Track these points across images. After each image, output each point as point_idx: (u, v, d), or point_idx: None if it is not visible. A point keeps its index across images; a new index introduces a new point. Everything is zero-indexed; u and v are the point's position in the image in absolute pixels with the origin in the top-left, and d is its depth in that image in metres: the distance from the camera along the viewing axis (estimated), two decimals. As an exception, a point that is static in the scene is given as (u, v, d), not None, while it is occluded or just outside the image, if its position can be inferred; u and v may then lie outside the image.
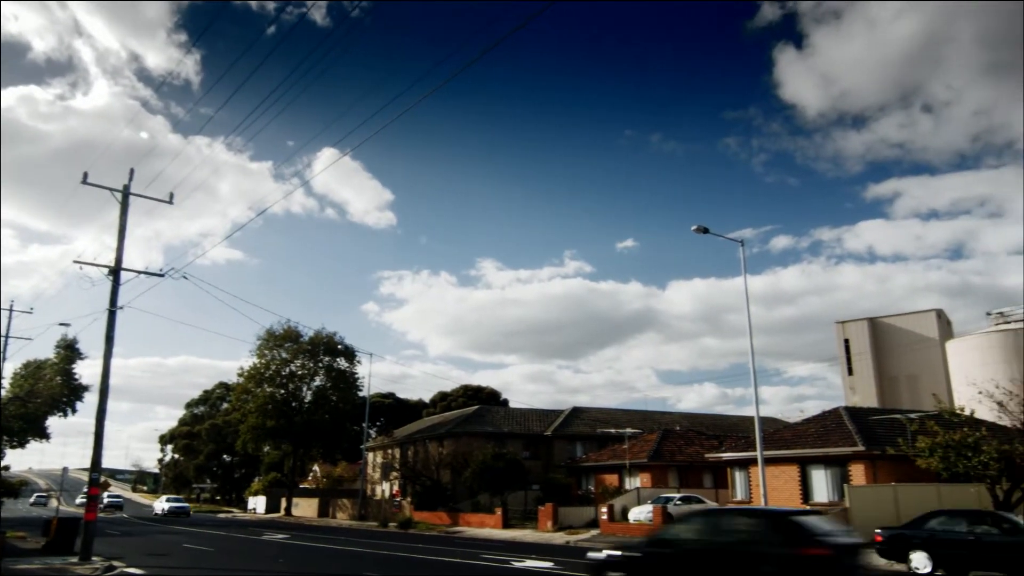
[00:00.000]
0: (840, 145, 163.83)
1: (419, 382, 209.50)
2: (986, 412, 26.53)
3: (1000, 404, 24.47)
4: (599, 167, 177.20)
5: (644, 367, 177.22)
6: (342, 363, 60.23)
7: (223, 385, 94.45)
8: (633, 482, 41.56)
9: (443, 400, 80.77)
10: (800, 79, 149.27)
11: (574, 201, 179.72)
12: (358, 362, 60.68)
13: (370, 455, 65.61)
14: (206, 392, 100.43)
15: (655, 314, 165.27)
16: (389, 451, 62.25)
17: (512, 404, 79.09)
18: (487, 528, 38.85)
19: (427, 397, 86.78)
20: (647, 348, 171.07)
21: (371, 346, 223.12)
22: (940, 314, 57.03)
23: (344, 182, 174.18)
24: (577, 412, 57.95)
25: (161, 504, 60.74)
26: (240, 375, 59.91)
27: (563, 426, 54.60)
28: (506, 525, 38.36)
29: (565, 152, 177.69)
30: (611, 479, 43.51)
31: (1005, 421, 25.00)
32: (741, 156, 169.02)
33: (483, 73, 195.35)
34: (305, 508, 61.26)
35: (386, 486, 59.89)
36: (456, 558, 22.68)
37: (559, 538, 32.25)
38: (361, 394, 60.15)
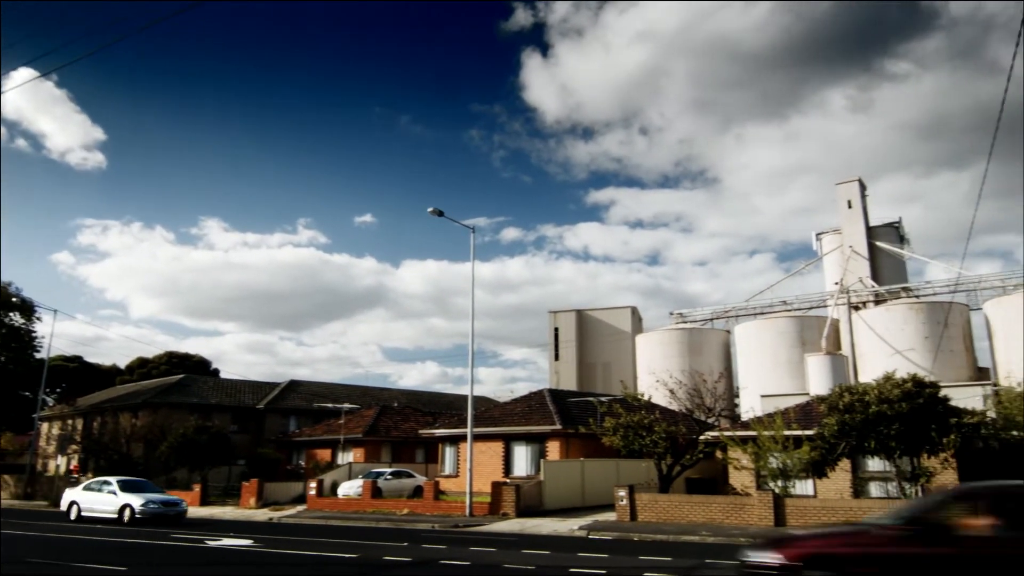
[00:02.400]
0: (570, 152, 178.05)
1: (116, 346, 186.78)
2: (661, 398, 30.56)
3: (671, 392, 28.35)
4: (344, 138, 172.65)
5: (370, 343, 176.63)
6: (16, 319, 51.74)
7: None
8: (347, 457, 41.32)
9: (142, 367, 73.01)
10: (543, 86, 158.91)
11: (314, 169, 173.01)
12: (37, 319, 52.53)
13: (45, 425, 57.42)
14: None
15: (386, 291, 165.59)
16: (70, 421, 54.91)
17: (225, 375, 74.16)
18: (182, 506, 36.10)
19: (124, 363, 78.06)
20: (375, 324, 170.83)
21: (59, 302, 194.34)
22: (634, 311, 64.65)
23: (43, 111, 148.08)
24: (294, 385, 56.11)
25: (111, 497, 26.82)
26: None
27: (278, 399, 52.49)
28: (205, 502, 36.01)
29: (309, 117, 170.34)
30: (324, 454, 42.84)
31: (674, 406, 29.03)
32: (483, 149, 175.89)
33: (222, 17, 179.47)
34: (-49, 486, 51.38)
35: (63, 461, 52.81)
36: (140, 539, 20.62)
37: (262, 515, 31.03)
38: (39, 356, 52.38)
